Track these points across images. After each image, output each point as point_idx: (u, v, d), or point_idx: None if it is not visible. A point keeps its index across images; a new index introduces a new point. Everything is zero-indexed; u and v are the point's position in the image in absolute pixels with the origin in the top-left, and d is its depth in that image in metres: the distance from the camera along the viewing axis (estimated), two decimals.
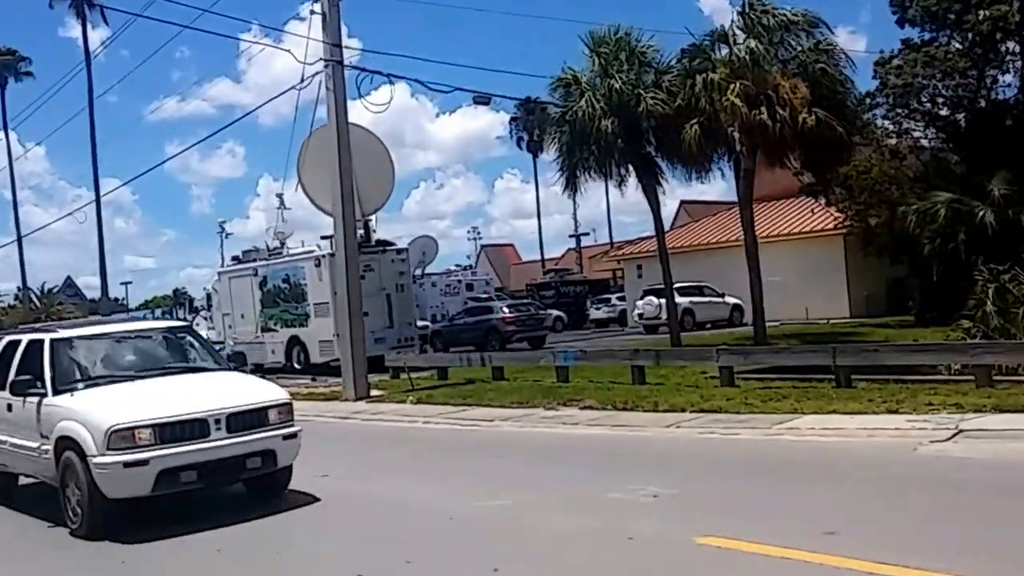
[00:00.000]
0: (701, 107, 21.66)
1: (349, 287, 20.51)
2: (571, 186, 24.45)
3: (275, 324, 28.36)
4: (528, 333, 32.13)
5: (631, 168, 24.09)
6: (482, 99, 22.79)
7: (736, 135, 20.95)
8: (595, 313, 50.74)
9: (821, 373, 15.70)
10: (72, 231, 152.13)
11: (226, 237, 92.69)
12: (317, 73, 20.69)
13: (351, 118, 21.62)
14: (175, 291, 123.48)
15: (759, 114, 20.66)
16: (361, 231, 27.44)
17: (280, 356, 28.45)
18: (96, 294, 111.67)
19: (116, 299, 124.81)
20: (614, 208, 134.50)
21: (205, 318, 33.31)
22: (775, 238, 39.28)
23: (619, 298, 52.80)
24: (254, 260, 30.37)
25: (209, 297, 32.75)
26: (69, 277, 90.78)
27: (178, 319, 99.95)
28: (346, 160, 20.64)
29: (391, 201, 31.78)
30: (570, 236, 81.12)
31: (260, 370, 27.63)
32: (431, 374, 22.76)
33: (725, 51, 22.89)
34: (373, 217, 27.85)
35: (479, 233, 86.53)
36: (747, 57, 21.26)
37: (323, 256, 26.89)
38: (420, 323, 30.86)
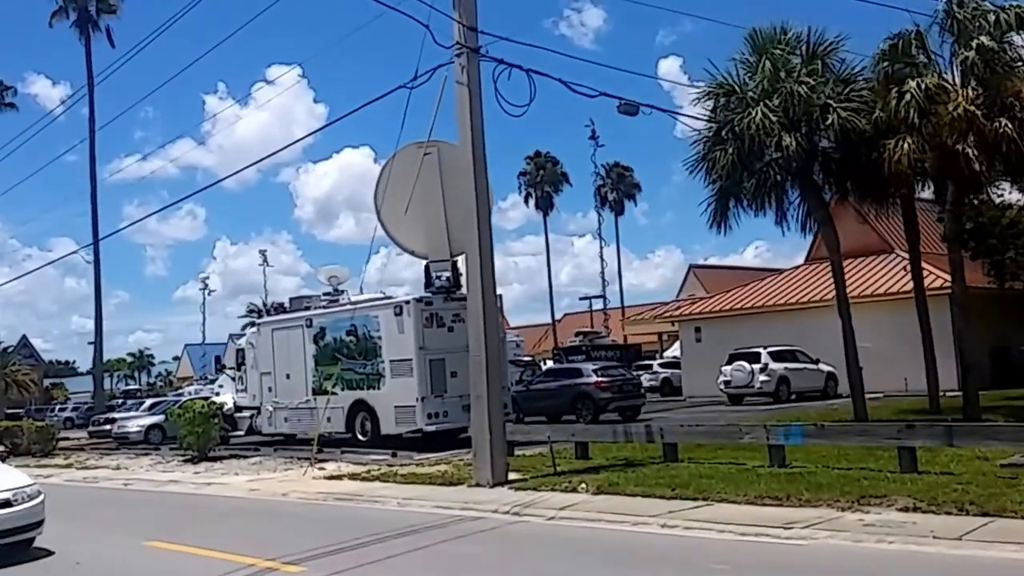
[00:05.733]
0: (911, 120, 17.34)
1: (487, 339, 15.66)
2: (721, 219, 19.97)
3: (334, 385, 23.25)
4: (624, 401, 27.28)
5: (803, 198, 19.63)
6: (629, 108, 18.24)
7: (971, 152, 16.59)
8: None
9: None
10: (19, 291, 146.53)
11: (209, 294, 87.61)
12: (441, 65, 16.22)
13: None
14: (140, 352, 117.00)
15: (1002, 127, 16.38)
16: (447, 274, 22.85)
17: (339, 424, 23.31)
18: (51, 356, 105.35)
19: (67, 362, 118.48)
20: (570, 278, 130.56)
21: (232, 378, 28.03)
22: (864, 299, 35.19)
23: (661, 364, 48.54)
24: (307, 308, 25.40)
25: (240, 353, 27.55)
26: (24, 336, 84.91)
27: (147, 384, 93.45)
28: (480, 172, 16.04)
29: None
30: (581, 299, 76.91)
31: (308, 441, 22.91)
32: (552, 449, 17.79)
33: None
34: (460, 258, 23.12)
35: None
36: (976, 58, 17.04)
37: (406, 303, 22.09)
38: None
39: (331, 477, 18.13)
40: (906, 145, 17.11)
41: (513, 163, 70.57)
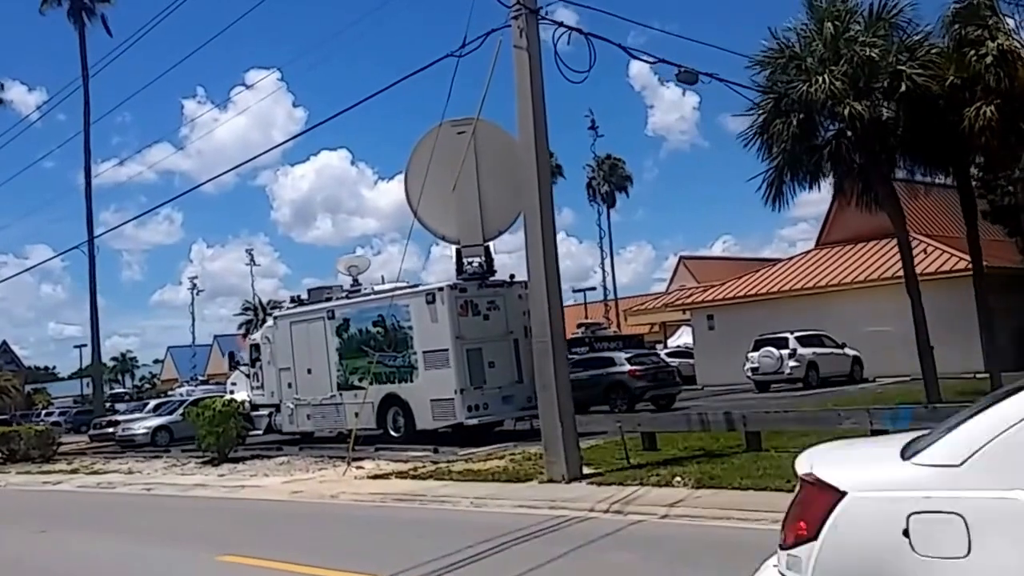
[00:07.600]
0: (990, 84, 16.36)
1: (552, 323, 14.46)
2: (777, 195, 18.90)
3: (361, 379, 21.94)
4: (659, 390, 26.27)
5: (862, 171, 18.59)
6: (688, 76, 17.14)
7: None
8: None
9: None
10: None
11: (197, 294, 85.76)
12: (493, 31, 15.04)
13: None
14: (123, 355, 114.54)
15: None
16: (479, 260, 21.70)
17: (369, 420, 21.93)
18: (28, 362, 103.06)
19: (46, 367, 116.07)
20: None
21: (247, 374, 26.69)
22: (883, 281, 34.45)
23: (668, 354, 47.67)
24: (328, 299, 24.06)
25: (255, 348, 26.20)
26: (5, 342, 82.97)
27: (133, 388, 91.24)
28: (542, 144, 14.82)
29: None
30: (575, 291, 75.91)
31: (328, 439, 21.79)
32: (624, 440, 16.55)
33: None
34: (492, 244, 21.98)
35: None
36: None
37: (439, 290, 20.84)
38: None
39: (375, 476, 16.90)
40: (989, 110, 16.14)
41: None
